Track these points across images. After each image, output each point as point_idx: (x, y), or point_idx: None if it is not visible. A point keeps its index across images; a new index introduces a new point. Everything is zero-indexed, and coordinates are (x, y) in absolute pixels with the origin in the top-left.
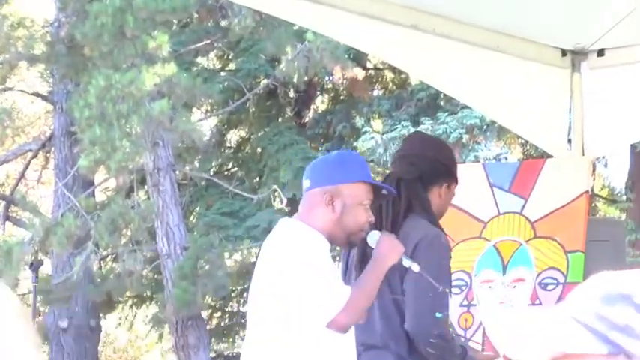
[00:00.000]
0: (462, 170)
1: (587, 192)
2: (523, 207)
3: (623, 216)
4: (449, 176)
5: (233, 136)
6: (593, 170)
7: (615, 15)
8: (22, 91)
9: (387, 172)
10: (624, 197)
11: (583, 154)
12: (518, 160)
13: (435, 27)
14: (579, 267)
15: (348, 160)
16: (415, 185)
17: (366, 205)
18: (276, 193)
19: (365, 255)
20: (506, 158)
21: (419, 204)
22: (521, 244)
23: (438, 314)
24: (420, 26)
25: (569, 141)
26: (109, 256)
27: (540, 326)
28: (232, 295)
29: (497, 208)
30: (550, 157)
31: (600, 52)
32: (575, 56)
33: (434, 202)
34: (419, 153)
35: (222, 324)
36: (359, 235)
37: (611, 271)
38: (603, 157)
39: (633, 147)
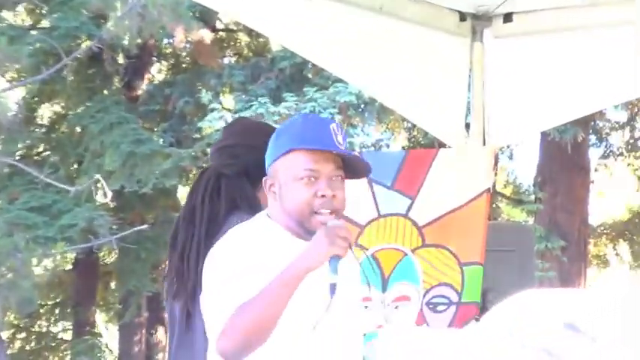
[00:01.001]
0: None
1: (488, 190)
2: (409, 208)
3: (531, 220)
4: None
5: (46, 112)
6: (496, 163)
7: None
8: None
9: (204, 166)
10: (532, 197)
11: (484, 144)
12: (404, 148)
13: None
14: (476, 283)
15: (287, 125)
16: (239, 181)
17: (304, 178)
18: (99, 184)
19: None
20: (388, 146)
21: (245, 202)
22: (405, 254)
23: None
24: None
25: (467, 126)
26: None
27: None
28: (41, 311)
29: (377, 208)
30: (443, 146)
31: (507, 17)
32: (477, 21)
33: (263, 199)
34: (243, 142)
35: (28, 347)
36: (312, 221)
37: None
38: (508, 147)
39: (545, 135)
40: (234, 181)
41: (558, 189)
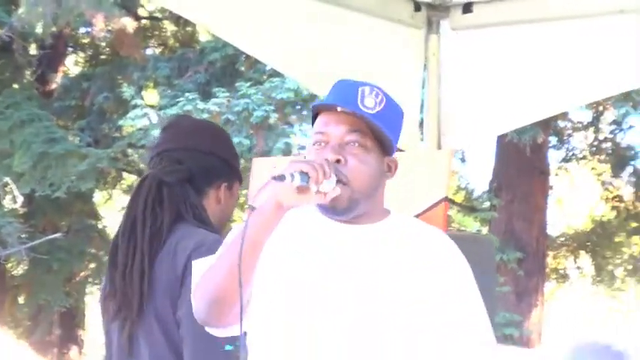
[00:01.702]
0: (268, 165)
1: (445, 198)
2: None
3: (485, 229)
4: (229, 174)
5: None
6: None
7: None
8: None
9: (145, 173)
10: (486, 204)
11: (439, 146)
12: None
13: None
14: None
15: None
16: (184, 189)
17: (315, 143)
18: (7, 188)
19: None
20: None
21: (191, 212)
22: None
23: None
24: None
25: (421, 127)
26: None
27: None
28: None
29: None
30: (398, 149)
31: (467, 7)
32: (433, 12)
33: (210, 208)
34: (186, 145)
35: None
36: None
37: None
38: (459, 150)
39: (501, 136)
40: (178, 189)
41: (515, 195)
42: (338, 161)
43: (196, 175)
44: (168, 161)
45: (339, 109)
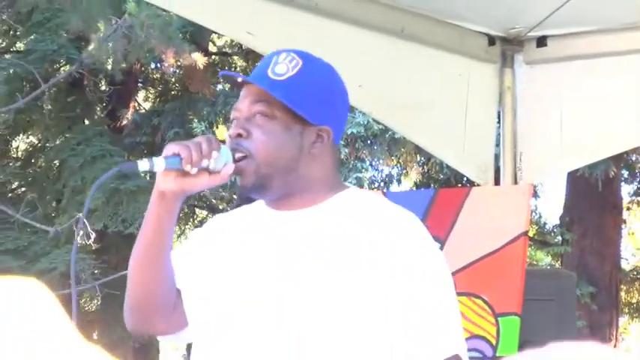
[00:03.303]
0: None
1: (525, 233)
2: None
3: (557, 264)
4: None
5: (21, 144)
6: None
7: None
8: None
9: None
10: (558, 238)
11: (515, 180)
12: (416, 184)
13: (318, 1)
14: (513, 336)
15: None
16: None
17: (231, 121)
18: (80, 224)
19: None
20: (399, 181)
21: None
22: None
23: None
24: None
25: (497, 161)
26: None
27: None
28: None
29: None
30: (461, 182)
31: (541, 41)
32: (508, 45)
33: None
34: None
35: None
36: None
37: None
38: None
39: (573, 170)
40: None
41: (587, 229)
42: (240, 135)
43: None
44: None
45: (239, 80)
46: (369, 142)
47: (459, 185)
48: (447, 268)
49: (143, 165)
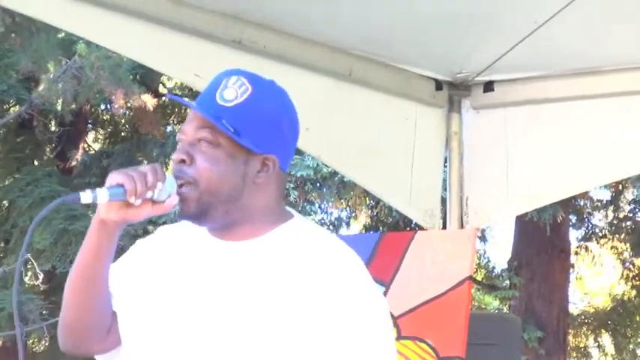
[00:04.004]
0: None
1: (469, 277)
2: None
3: (505, 308)
4: None
5: None
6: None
7: (513, 34)
8: None
9: None
10: (507, 282)
11: (461, 225)
12: (365, 227)
13: (266, 43)
14: None
15: None
16: None
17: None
18: (28, 265)
19: None
20: (348, 224)
21: None
22: None
23: None
24: (245, 42)
25: (443, 205)
26: None
27: None
28: None
29: None
30: (409, 225)
31: (488, 86)
32: (455, 90)
33: None
34: None
35: None
36: None
37: None
38: (480, 229)
39: (521, 215)
40: None
41: (535, 274)
42: (183, 161)
43: None
44: None
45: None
46: (318, 184)
47: (408, 229)
48: (385, 310)
49: (86, 197)
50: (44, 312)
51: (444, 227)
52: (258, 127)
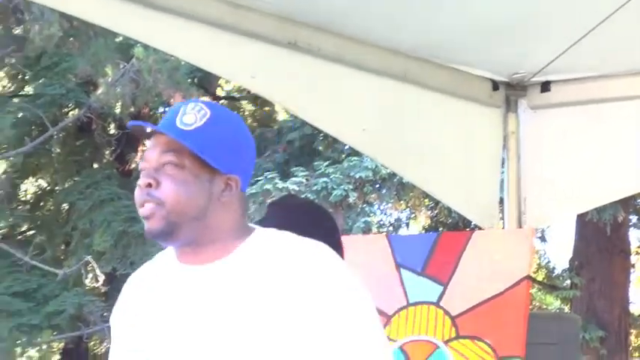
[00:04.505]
0: (355, 244)
1: (527, 277)
2: (441, 296)
3: (566, 308)
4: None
5: (30, 187)
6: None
7: (568, 34)
8: None
9: None
10: (567, 282)
11: (519, 225)
12: (424, 228)
13: (320, 46)
14: None
15: None
16: None
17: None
18: (88, 267)
19: None
20: (407, 225)
21: None
22: (437, 347)
23: None
24: (300, 43)
25: (501, 205)
26: None
27: None
28: None
29: (406, 296)
30: (469, 225)
31: (545, 86)
32: (511, 91)
33: None
34: (307, 228)
35: None
36: None
37: None
38: (539, 229)
39: (581, 214)
40: None
41: (596, 273)
42: (149, 185)
43: None
44: None
45: (148, 129)
46: (377, 186)
47: (467, 229)
48: (368, 299)
49: None
50: (105, 314)
51: (503, 228)
52: (220, 148)
